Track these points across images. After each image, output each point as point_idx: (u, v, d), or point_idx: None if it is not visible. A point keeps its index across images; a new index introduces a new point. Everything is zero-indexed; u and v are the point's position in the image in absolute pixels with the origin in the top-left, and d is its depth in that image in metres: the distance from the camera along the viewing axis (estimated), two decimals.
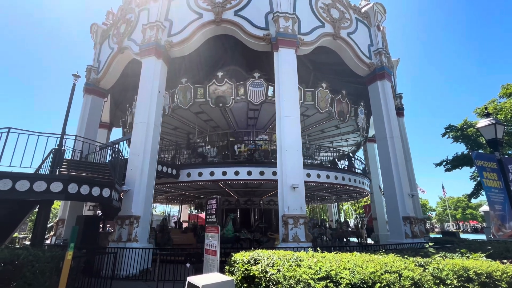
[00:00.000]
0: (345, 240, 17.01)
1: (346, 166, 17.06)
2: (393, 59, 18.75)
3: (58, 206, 22.13)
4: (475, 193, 21.73)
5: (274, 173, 11.97)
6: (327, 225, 23.15)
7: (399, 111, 18.11)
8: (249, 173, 12.65)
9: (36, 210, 7.73)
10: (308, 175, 13.19)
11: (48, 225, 14.39)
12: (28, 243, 12.99)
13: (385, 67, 14.55)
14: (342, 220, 22.82)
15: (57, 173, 8.12)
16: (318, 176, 13.60)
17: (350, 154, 18.33)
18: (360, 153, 23.29)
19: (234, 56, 15.85)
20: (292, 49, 11.97)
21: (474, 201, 40.25)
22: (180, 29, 12.87)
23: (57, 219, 14.14)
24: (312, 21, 13.36)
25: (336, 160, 17.44)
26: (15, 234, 15.20)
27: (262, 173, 12.63)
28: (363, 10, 15.81)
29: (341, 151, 18.99)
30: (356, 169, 16.90)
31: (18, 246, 11.96)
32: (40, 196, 6.83)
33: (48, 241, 13.43)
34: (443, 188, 54.24)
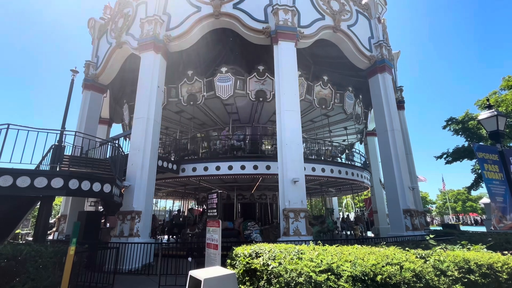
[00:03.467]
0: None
1: (345, 160, 17.09)
2: (393, 52, 18.57)
3: (59, 202, 22.26)
4: (474, 185, 21.83)
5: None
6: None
7: (400, 104, 18.02)
8: (256, 167, 12.74)
9: (38, 206, 7.75)
10: (313, 169, 13.31)
11: (51, 221, 14.47)
12: (30, 239, 13.08)
13: (386, 60, 14.42)
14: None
15: (57, 169, 8.12)
16: (322, 170, 13.72)
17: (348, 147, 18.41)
18: (360, 147, 23.30)
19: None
20: (292, 42, 11.83)
21: (474, 193, 40.34)
22: (178, 23, 12.72)
23: (59, 215, 14.21)
24: (312, 14, 13.19)
25: (336, 153, 17.47)
26: (18, 230, 15.32)
27: (268, 167, 12.71)
28: (363, 1, 15.59)
29: (341, 145, 18.99)
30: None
31: (20, 242, 12.06)
32: (41, 192, 6.83)
33: (50, 237, 13.53)
34: (443, 181, 54.35)
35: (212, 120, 17.45)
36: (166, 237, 18.02)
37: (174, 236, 16.15)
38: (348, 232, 18.91)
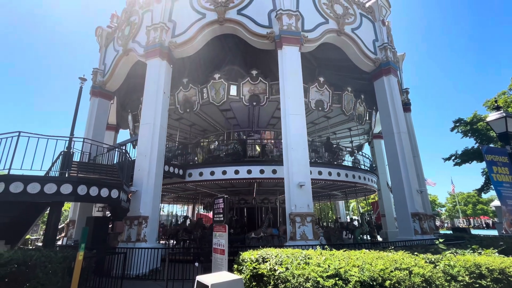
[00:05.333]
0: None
1: (352, 163, 17.01)
2: (398, 54, 18.47)
3: (68, 208, 22.51)
4: (485, 187, 21.35)
5: None
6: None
7: (406, 106, 17.87)
8: (262, 171, 12.79)
9: (47, 211, 7.88)
10: (320, 173, 13.34)
11: (59, 226, 14.64)
12: (40, 244, 13.25)
13: (391, 62, 14.36)
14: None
15: (66, 175, 8.26)
16: (320, 173, 13.61)
17: (355, 151, 18.41)
18: (367, 150, 23.14)
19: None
20: (296, 46, 11.90)
21: (485, 196, 39.50)
22: (183, 29, 12.91)
23: (68, 220, 14.39)
24: (316, 18, 13.25)
25: (343, 157, 17.43)
26: (28, 236, 15.53)
27: (274, 171, 12.71)
28: (367, 5, 15.60)
29: (347, 149, 18.87)
30: (359, 164, 16.99)
31: (30, 247, 12.22)
32: (51, 198, 6.95)
33: (59, 242, 13.68)
34: (452, 183, 53.30)
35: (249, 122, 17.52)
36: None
37: None
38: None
